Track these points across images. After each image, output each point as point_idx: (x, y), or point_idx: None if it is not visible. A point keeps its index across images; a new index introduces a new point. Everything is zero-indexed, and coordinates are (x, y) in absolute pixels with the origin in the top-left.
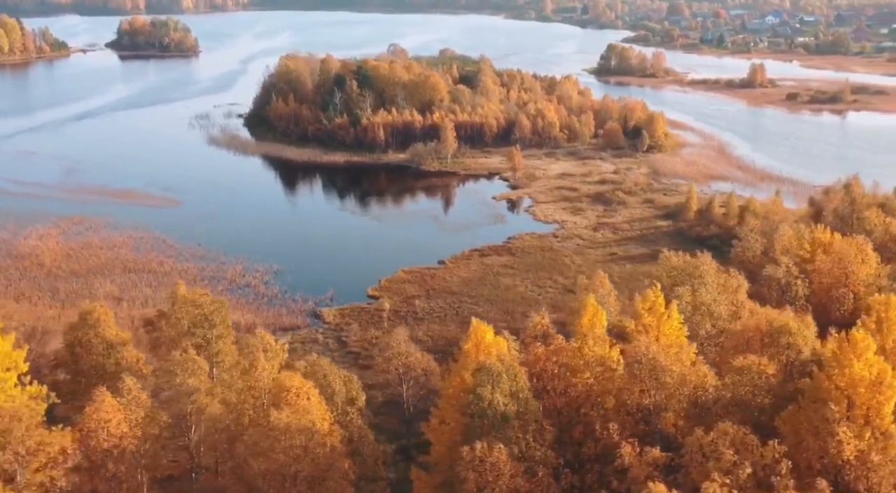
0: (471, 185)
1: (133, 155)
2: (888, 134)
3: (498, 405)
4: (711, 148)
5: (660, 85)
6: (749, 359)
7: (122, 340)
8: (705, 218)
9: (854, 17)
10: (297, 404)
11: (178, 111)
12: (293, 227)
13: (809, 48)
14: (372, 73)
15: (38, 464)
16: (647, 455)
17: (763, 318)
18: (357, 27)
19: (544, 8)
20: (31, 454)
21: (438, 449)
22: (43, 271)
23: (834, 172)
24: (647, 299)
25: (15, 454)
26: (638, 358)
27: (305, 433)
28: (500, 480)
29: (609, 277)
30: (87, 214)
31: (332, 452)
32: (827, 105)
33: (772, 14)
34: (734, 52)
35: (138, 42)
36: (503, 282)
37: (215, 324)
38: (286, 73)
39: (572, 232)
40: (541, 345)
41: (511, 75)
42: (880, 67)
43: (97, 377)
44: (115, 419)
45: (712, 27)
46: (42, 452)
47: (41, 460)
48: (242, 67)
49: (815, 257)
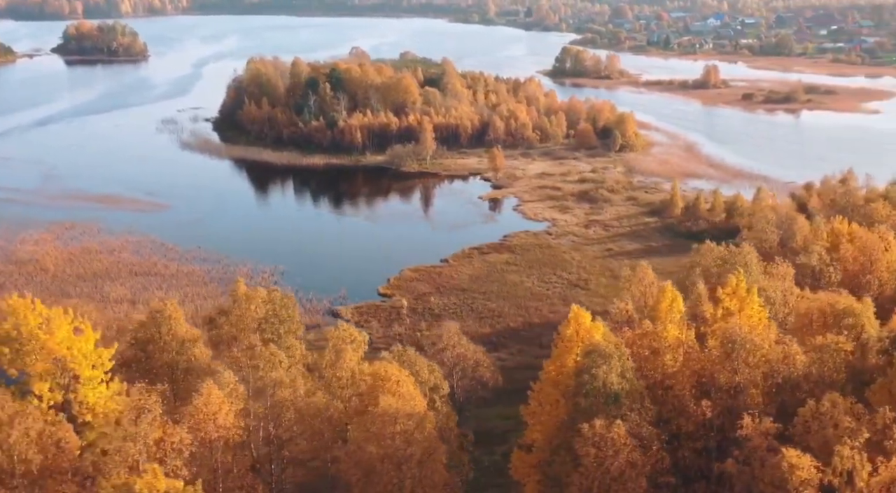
0: (454, 185)
1: (108, 160)
2: (844, 132)
3: (612, 385)
4: (680, 147)
5: (614, 86)
6: (828, 338)
7: (194, 337)
8: (692, 214)
9: (794, 19)
10: (399, 392)
11: (142, 116)
12: (288, 228)
13: (754, 50)
14: (344, 76)
15: (161, 455)
16: (763, 425)
17: (824, 301)
18: (302, 31)
19: (488, 11)
20: (156, 444)
21: (537, 430)
22: (48, 276)
23: (801, 169)
24: (730, 284)
25: (145, 444)
26: (732, 338)
27: (414, 418)
28: (620, 455)
29: (611, 272)
30: (76, 219)
31: (432, 436)
32: (781, 105)
33: (713, 16)
34: (681, 54)
35: (86, 47)
36: (509, 278)
37: (284, 319)
38: (257, 77)
39: (565, 229)
40: (628, 329)
41: (475, 78)
42: (825, 68)
43: (170, 375)
44: (223, 410)
45: (657, 30)
46: (166, 442)
47: (164, 450)
48: (196, 71)
49: (840, 247)
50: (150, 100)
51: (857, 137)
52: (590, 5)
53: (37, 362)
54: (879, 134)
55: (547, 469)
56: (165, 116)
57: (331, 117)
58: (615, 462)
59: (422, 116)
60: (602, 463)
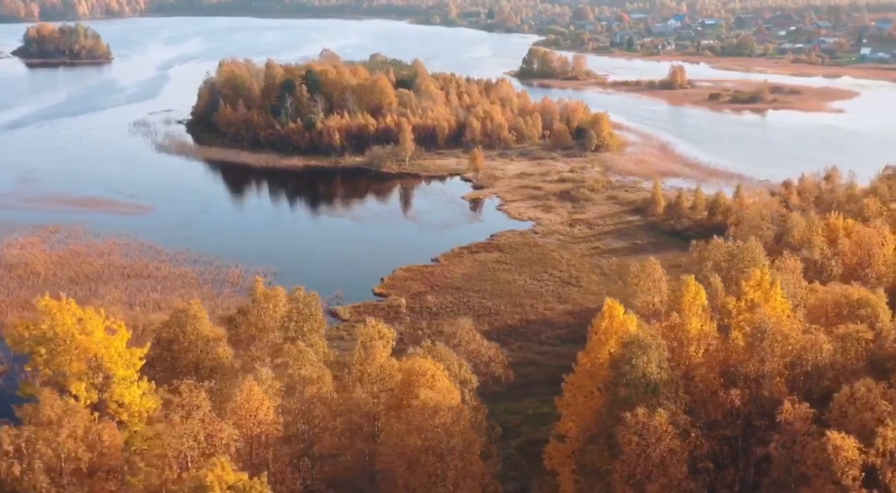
0: (435, 185)
1: (85, 163)
2: (812, 131)
3: (651, 375)
4: (653, 147)
5: (581, 87)
6: (850, 327)
7: (218, 335)
8: (675, 212)
9: (753, 21)
10: (436, 386)
11: (113, 118)
12: (274, 230)
13: (716, 50)
14: (320, 78)
15: (211, 450)
16: (800, 410)
17: (839, 292)
18: (264, 33)
19: (449, 13)
20: (207, 440)
21: (571, 421)
22: (40, 280)
23: (774, 168)
24: (754, 277)
25: (196, 440)
26: (763, 328)
27: (454, 411)
28: (662, 442)
29: (601, 269)
30: (60, 222)
31: (470, 428)
32: (748, 105)
33: (674, 17)
34: (644, 55)
35: (48, 50)
36: (502, 277)
37: (307, 317)
38: (231, 79)
39: (550, 228)
40: (656, 322)
41: (446, 79)
42: (786, 68)
43: (194, 374)
44: (264, 406)
45: (619, 31)
46: (215, 438)
47: (215, 446)
48: (163, 74)
49: (838, 241)
50: (120, 102)
51: (826, 135)
52: (550, 7)
53: (72, 363)
54: (846, 133)
55: (581, 458)
56: (137, 119)
57: (309, 119)
58: (657, 450)
59: (399, 117)
60: (644, 451)
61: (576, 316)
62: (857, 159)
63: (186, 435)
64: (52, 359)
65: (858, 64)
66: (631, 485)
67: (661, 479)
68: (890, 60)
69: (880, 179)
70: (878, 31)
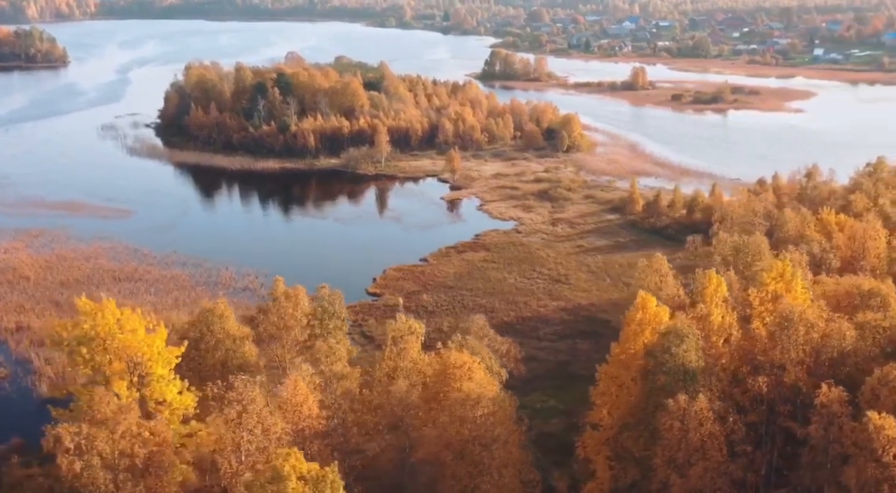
0: (413, 186)
1: (57, 167)
2: (776, 130)
3: (689, 363)
4: (623, 147)
5: (543, 88)
6: (868, 315)
7: (245, 334)
8: (654, 211)
9: (706, 22)
10: (474, 378)
11: (79, 122)
12: (258, 232)
13: (672, 52)
14: (293, 81)
15: (266, 444)
16: (836, 393)
17: (850, 283)
18: (220, 36)
19: (404, 15)
20: (264, 433)
21: (605, 409)
22: (30, 284)
23: (743, 167)
24: (776, 268)
25: (250, 432)
26: (790, 317)
27: (495, 402)
28: (703, 427)
29: (587, 267)
30: (41, 226)
31: (510, 419)
32: (709, 105)
33: (628, 19)
34: (602, 57)
35: (2, 53)
36: (492, 276)
37: (332, 315)
38: (202, 83)
39: (532, 228)
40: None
41: (413, 81)
42: (741, 69)
43: (222, 372)
44: (309, 401)
45: (575, 33)
46: (270, 432)
47: (270, 439)
48: (123, 77)
49: (833, 235)
50: (83, 106)
51: (789, 135)
52: (504, 9)
53: (113, 362)
54: (809, 133)
55: (616, 445)
56: (104, 123)
57: (282, 122)
58: (697, 434)
59: (373, 119)
60: (685, 435)
61: (570, 312)
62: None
63: (244, 429)
64: (93, 358)
65: (812, 65)
66: (673, 468)
67: (703, 462)
68: (842, 61)
69: (861, 176)
70: (829, 33)
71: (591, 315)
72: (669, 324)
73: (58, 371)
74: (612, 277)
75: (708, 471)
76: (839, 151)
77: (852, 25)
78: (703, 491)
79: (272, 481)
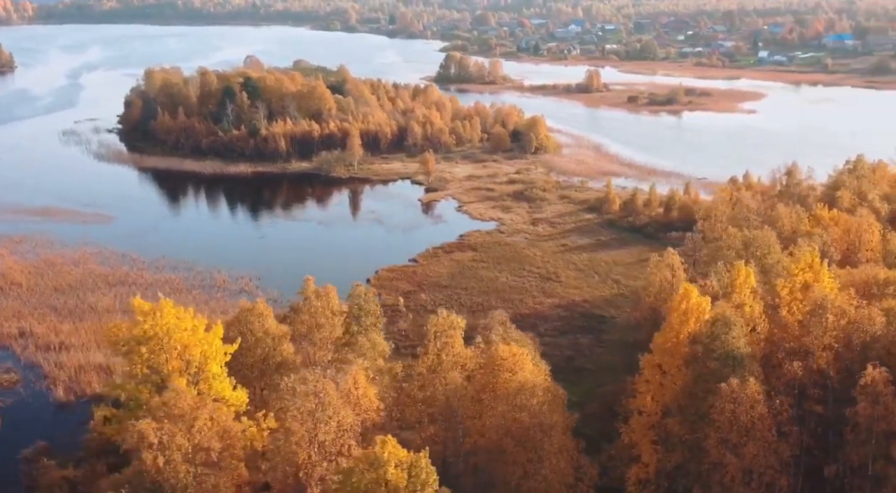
0: (388, 189)
1: (25, 173)
2: (732, 131)
3: (739, 348)
4: (588, 148)
5: (498, 91)
6: (892, 302)
7: (284, 332)
8: (631, 210)
9: (651, 25)
10: (524, 369)
11: (38, 128)
12: (241, 236)
13: (620, 54)
14: (260, 85)
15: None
16: (878, 373)
17: (866, 273)
18: (165, 41)
19: (349, 18)
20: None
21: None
22: (24, 290)
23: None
24: (804, 259)
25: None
26: (823, 304)
27: (549, 391)
28: (754, 409)
29: (574, 265)
30: (22, 232)
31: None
32: (665, 106)
33: (574, 23)
34: (551, 60)
35: None
36: (484, 274)
37: (367, 312)
38: (167, 87)
39: (514, 227)
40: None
41: (374, 85)
42: (689, 71)
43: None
44: (369, 393)
45: (523, 36)
46: (343, 424)
47: (342, 430)
48: (74, 82)
49: (830, 229)
50: (40, 112)
51: (746, 135)
52: (449, 13)
53: (170, 360)
54: (764, 132)
55: (661, 429)
56: (65, 128)
57: (253, 126)
58: (748, 416)
59: (343, 123)
60: (736, 418)
61: (565, 309)
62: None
63: (320, 421)
64: (151, 357)
65: (757, 66)
66: (727, 448)
67: (753, 442)
68: (786, 63)
69: (841, 174)
70: (772, 35)
71: (586, 311)
72: (717, 313)
73: (70, 375)
74: (599, 274)
75: (760, 450)
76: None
77: (794, 28)
78: (755, 469)
79: (371, 467)
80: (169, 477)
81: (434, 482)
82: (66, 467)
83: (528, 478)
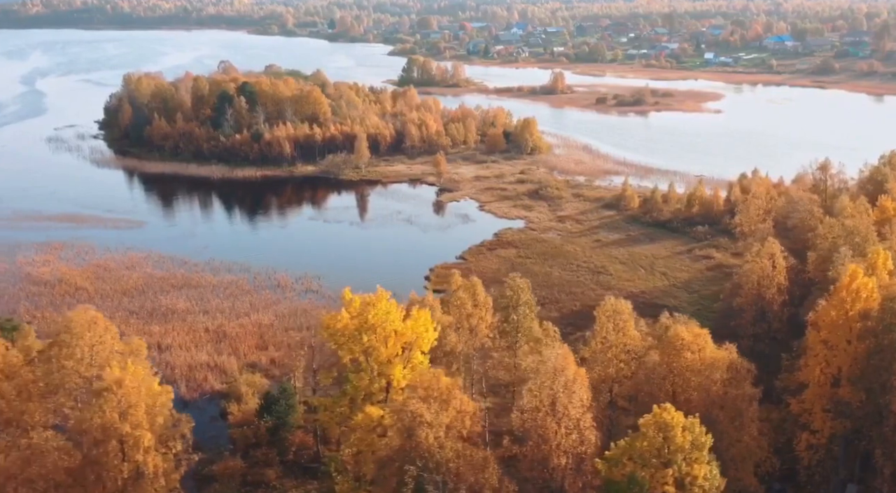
0: (402, 190)
1: (26, 181)
2: (705, 129)
3: None
4: (577, 148)
5: (462, 93)
6: None
7: (449, 322)
8: (652, 206)
9: (594, 28)
10: (709, 347)
11: (19, 136)
12: (286, 236)
13: (570, 57)
14: (256, 89)
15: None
16: None
17: None
18: (104, 46)
19: (286, 22)
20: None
21: (818, 369)
22: (91, 294)
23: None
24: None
25: (564, 394)
26: None
27: (744, 365)
28: None
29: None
30: (58, 239)
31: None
32: (632, 107)
33: (517, 26)
34: (502, 62)
35: None
36: (536, 269)
37: (524, 302)
38: (160, 93)
39: (542, 225)
40: None
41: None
42: (640, 73)
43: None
44: (582, 373)
45: (468, 39)
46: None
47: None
48: (31, 89)
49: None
50: (12, 119)
51: (721, 133)
52: (387, 17)
53: (389, 347)
54: (737, 131)
55: (834, 398)
56: (48, 135)
57: (255, 130)
58: None
59: (341, 126)
60: None
61: (631, 299)
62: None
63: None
64: (371, 345)
65: (704, 68)
66: None
67: None
68: (732, 64)
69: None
70: (714, 37)
71: (648, 301)
72: (892, 290)
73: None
74: (644, 268)
75: None
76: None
77: (736, 30)
78: None
79: (661, 429)
80: (434, 453)
81: (710, 442)
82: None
83: (734, 445)
